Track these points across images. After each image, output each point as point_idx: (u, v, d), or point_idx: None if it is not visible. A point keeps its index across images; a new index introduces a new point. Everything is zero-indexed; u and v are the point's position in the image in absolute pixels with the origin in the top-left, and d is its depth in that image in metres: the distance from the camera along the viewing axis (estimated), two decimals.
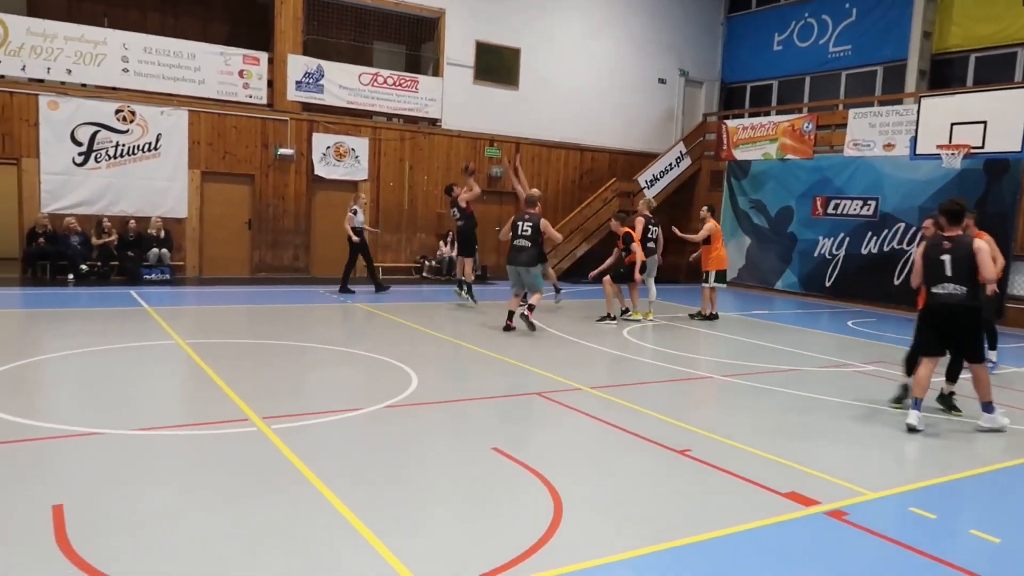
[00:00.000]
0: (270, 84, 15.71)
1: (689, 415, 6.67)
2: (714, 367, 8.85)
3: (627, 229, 11.51)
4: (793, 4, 20.03)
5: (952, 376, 7.18)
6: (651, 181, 19.14)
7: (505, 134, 18.34)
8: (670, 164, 19.53)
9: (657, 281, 12.34)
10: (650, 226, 11.91)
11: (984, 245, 6.39)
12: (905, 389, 7.21)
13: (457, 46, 17.65)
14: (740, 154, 18.81)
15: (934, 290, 6.50)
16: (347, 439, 5.55)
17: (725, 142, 19.14)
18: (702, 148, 20.19)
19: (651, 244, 11.91)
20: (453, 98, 17.64)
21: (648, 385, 7.77)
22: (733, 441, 5.88)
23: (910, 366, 7.00)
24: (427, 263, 17.60)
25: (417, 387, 7.01)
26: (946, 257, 6.40)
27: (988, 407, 6.65)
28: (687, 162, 19.83)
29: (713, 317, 12.38)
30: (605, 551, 3.84)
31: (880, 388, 8.16)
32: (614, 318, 11.52)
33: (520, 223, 10.49)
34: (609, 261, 11.80)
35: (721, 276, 12.49)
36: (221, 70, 15.23)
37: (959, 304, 6.35)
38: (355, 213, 13.75)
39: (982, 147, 12.89)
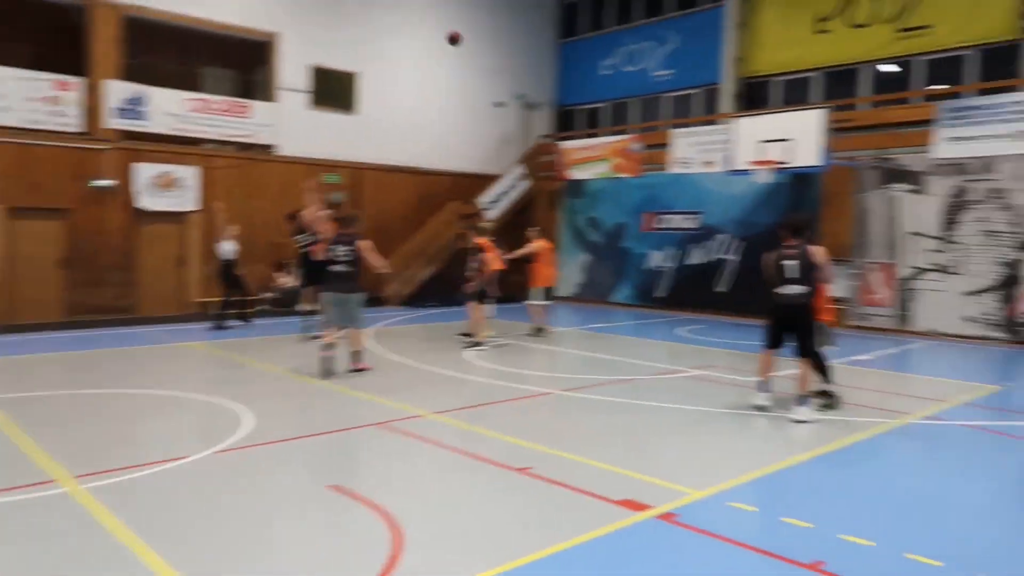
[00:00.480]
0: (86, 110, 14.60)
1: (530, 433, 6.78)
2: (553, 382, 9.05)
3: (482, 242, 11.62)
4: (619, 31, 21.15)
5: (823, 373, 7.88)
6: (491, 203, 19.46)
7: (345, 159, 18.04)
8: (510, 185, 19.96)
9: (499, 300, 12.55)
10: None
11: (822, 253, 7.42)
12: (825, 394, 7.84)
13: (292, 71, 17.20)
14: (575, 174, 19.53)
15: (778, 291, 7.37)
16: (170, 493, 5.18)
17: (561, 163, 19.83)
18: (539, 169, 20.78)
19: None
20: (289, 123, 17.14)
21: (490, 406, 7.83)
22: (572, 455, 6.03)
23: (821, 370, 7.78)
24: (266, 295, 16.90)
25: (252, 428, 6.68)
26: (791, 263, 7.28)
27: (803, 400, 7.26)
28: (526, 183, 20.34)
29: (540, 332, 12.73)
30: None
31: (708, 392, 8.68)
32: (479, 343, 11.43)
33: (337, 246, 9.16)
34: (475, 278, 11.62)
35: (546, 293, 12.90)
36: (27, 96, 13.99)
37: (799, 303, 7.28)
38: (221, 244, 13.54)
39: (788, 162, 14.10)
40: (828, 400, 7.84)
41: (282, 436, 6.49)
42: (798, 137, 13.91)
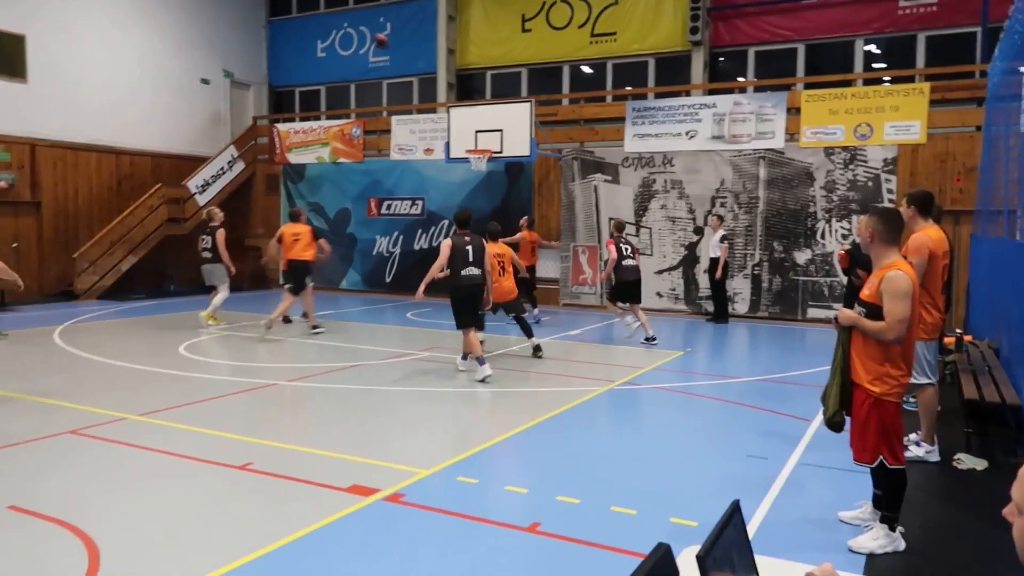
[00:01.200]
0: None
1: (250, 428, 6.42)
2: (280, 373, 8.69)
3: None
4: (332, 13, 20.66)
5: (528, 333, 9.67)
6: (203, 186, 18.09)
7: (15, 134, 15.58)
8: (222, 168, 18.68)
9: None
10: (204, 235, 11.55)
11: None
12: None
13: None
14: (294, 158, 18.83)
15: (462, 273, 8.41)
16: None
17: (278, 146, 18.98)
18: (255, 151, 19.72)
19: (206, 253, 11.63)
20: None
21: (209, 402, 7.29)
22: (296, 446, 5.82)
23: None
24: None
25: None
26: (469, 248, 8.47)
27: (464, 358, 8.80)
28: (240, 166, 19.18)
29: (287, 321, 12.30)
30: None
31: (435, 373, 8.88)
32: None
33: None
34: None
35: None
36: None
37: (478, 284, 8.56)
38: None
39: (501, 151, 14.84)
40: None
41: None
42: (509, 128, 14.68)
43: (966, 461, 5.58)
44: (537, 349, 9.71)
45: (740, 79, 16.24)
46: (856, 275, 7.52)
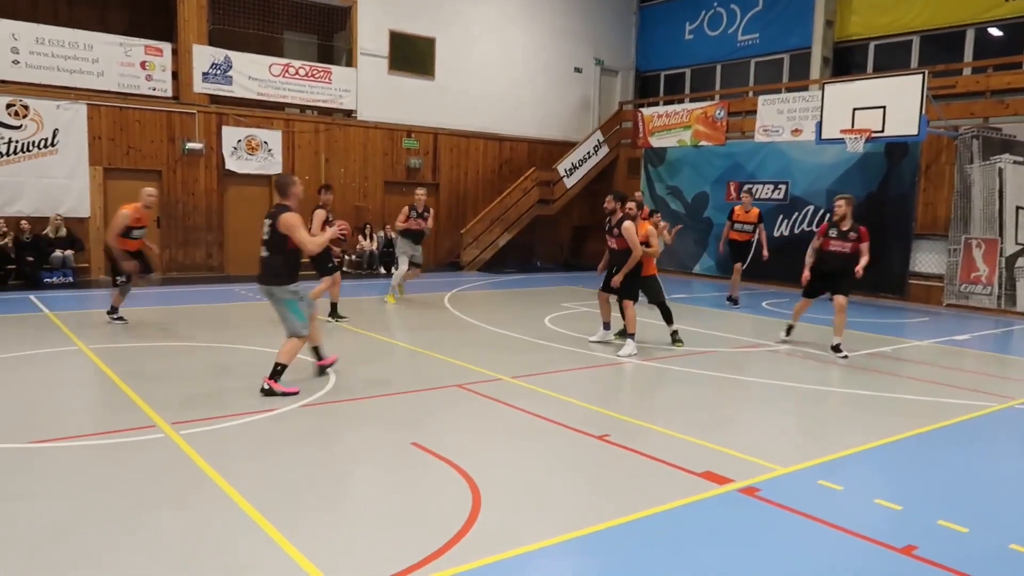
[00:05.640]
0: (175, 75, 15.08)
1: (608, 401, 6.73)
2: (612, 349, 8.94)
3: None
4: None
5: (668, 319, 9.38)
6: (570, 170, 19.29)
7: (423, 124, 18.16)
8: (588, 153, 19.72)
9: None
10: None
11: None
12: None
13: (370, 36, 17.34)
14: (656, 141, 19.13)
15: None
16: (261, 442, 5.37)
17: (641, 130, 19.43)
18: (619, 136, 20.45)
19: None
20: (368, 89, 17.33)
21: (566, 373, 7.81)
22: (651, 424, 5.96)
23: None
24: (347, 257, 17.28)
25: (334, 385, 6.85)
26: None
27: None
28: (605, 150, 20.06)
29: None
30: (524, 540, 3.83)
31: (790, 365, 8.44)
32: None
33: (265, 223, 6.57)
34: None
35: None
36: (121, 61, 14.54)
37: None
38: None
39: (882, 131, 13.42)
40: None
41: (366, 394, 6.63)
42: (894, 104, 13.20)
43: None
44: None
45: None
46: None
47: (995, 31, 15.26)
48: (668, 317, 9.42)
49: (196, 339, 8.94)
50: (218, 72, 15.43)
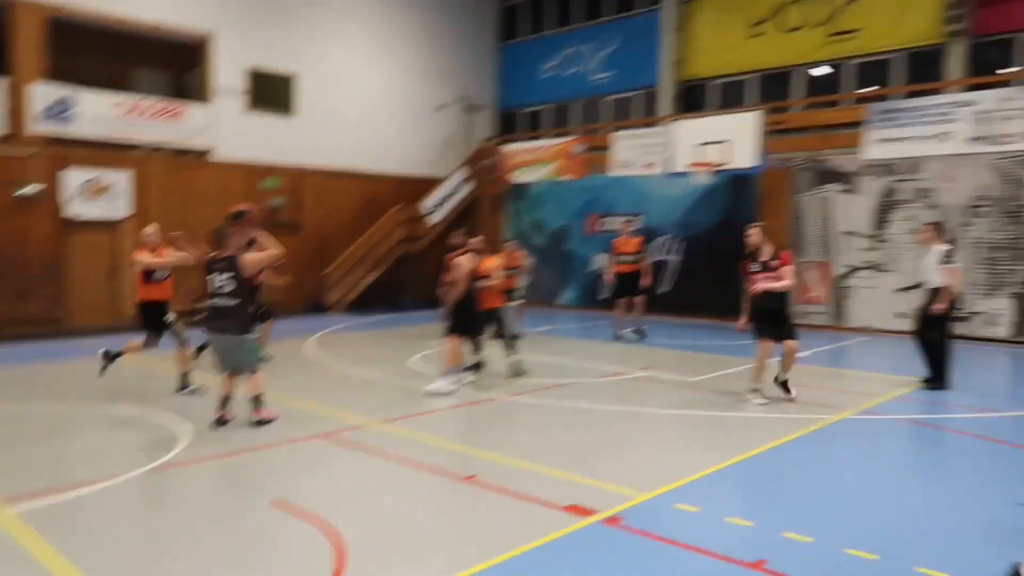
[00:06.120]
0: (11, 114, 13.97)
1: (475, 439, 6.74)
2: (499, 386, 9.00)
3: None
4: (559, 34, 21.27)
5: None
6: (436, 206, 19.36)
7: (285, 163, 17.70)
8: (453, 189, 19.89)
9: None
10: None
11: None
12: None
13: (228, 72, 16.81)
14: (519, 177, 19.56)
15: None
16: (102, 515, 4.98)
17: (504, 166, 19.83)
18: (483, 172, 20.75)
19: None
20: (226, 127, 16.74)
21: (431, 415, 7.76)
22: (517, 460, 6.01)
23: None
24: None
25: (187, 444, 6.48)
26: None
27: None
28: (469, 187, 20.29)
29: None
30: None
31: (651, 392, 8.77)
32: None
33: (215, 275, 6.82)
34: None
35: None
36: None
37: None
38: None
39: (725, 164, 14.35)
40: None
41: (223, 451, 6.31)
42: (735, 139, 14.15)
43: None
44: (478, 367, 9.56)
45: (999, 71, 14.40)
46: None
47: (820, 71, 16.71)
48: (508, 347, 9.61)
49: (30, 402, 8.23)
50: (59, 111, 14.46)
